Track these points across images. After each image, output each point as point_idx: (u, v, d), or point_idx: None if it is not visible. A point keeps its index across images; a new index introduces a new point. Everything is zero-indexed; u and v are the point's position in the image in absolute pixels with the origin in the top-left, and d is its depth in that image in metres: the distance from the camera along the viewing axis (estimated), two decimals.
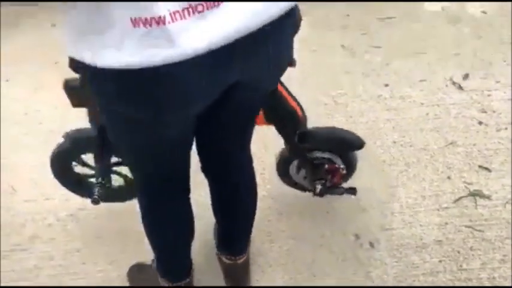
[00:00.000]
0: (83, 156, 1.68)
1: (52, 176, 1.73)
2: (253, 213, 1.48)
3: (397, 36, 2.56)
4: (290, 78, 1.22)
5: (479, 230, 1.76)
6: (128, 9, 0.81)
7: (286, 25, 0.98)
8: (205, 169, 1.38)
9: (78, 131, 1.60)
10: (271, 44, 0.98)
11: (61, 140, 1.64)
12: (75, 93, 1.42)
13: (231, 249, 1.54)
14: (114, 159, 1.64)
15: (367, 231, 1.78)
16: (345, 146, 1.64)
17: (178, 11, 0.83)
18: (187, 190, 1.33)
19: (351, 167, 1.70)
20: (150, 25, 0.82)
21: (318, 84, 2.31)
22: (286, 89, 1.51)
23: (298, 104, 1.52)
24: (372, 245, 1.75)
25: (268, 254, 1.74)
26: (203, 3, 0.84)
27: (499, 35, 2.52)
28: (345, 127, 2.08)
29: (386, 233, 1.78)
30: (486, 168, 1.96)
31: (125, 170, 1.67)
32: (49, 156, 1.68)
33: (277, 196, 1.88)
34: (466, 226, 1.79)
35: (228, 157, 1.34)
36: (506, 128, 2.10)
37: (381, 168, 1.99)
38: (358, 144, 1.61)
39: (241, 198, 1.43)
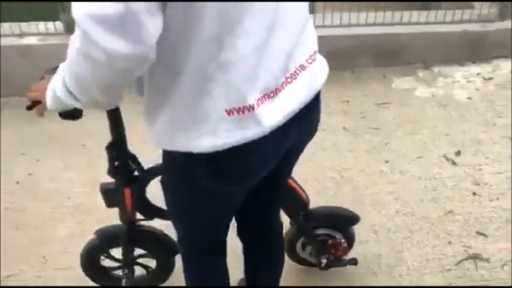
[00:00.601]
0: (111, 251, 1.81)
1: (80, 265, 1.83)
2: (281, 273, 1.64)
3: (393, 119, 2.84)
4: (301, 156, 1.38)
5: None
6: (223, 103, 1.02)
7: (318, 99, 1.23)
8: (241, 232, 1.56)
9: (108, 228, 1.74)
10: (315, 111, 1.24)
11: (92, 236, 1.76)
12: (110, 195, 1.58)
13: None
14: (138, 252, 1.79)
15: None
16: (343, 221, 1.86)
17: (259, 98, 1.04)
18: (225, 248, 1.50)
19: (350, 240, 1.89)
20: (243, 112, 1.03)
21: (325, 160, 2.55)
22: (291, 176, 1.71)
23: (301, 187, 1.72)
24: None
25: None
26: (275, 89, 1.06)
27: (484, 117, 2.81)
28: (352, 199, 2.31)
29: None
30: (483, 234, 2.14)
31: (147, 261, 1.84)
32: (79, 253, 1.79)
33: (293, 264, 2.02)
34: (469, 286, 1.94)
35: (263, 222, 1.53)
36: (498, 198, 2.31)
37: (386, 235, 2.17)
38: (355, 219, 1.83)
39: (271, 260, 1.61)
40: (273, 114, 1.07)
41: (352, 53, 3.24)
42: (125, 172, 1.51)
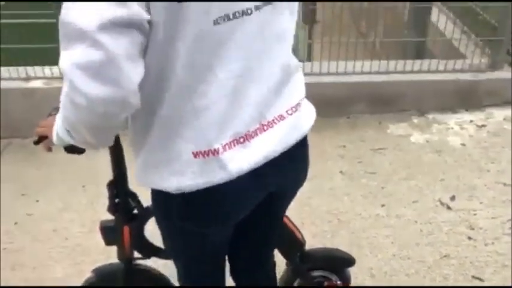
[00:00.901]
0: None
1: None
2: None
3: (389, 164, 2.89)
4: (297, 200, 1.42)
5: None
6: (190, 145, 1.08)
7: (305, 147, 1.27)
8: (233, 273, 1.57)
9: (105, 266, 1.75)
10: (299, 159, 1.27)
11: (89, 274, 1.76)
12: (109, 233, 1.61)
13: None
14: None
15: None
16: (340, 263, 1.87)
17: (227, 143, 1.08)
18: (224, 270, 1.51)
19: (346, 283, 1.89)
20: (208, 155, 1.08)
21: (322, 204, 2.57)
22: (287, 216, 1.74)
23: (297, 228, 1.74)
24: None
25: None
26: (245, 135, 1.10)
27: (478, 163, 2.86)
28: (348, 242, 2.33)
29: None
30: (479, 278, 2.15)
31: None
32: None
33: None
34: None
35: (255, 263, 1.55)
36: (493, 243, 2.33)
37: (383, 278, 2.17)
38: (351, 261, 1.84)
39: None
40: (241, 160, 1.10)
41: (348, 100, 3.33)
42: (124, 210, 1.54)
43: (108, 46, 0.87)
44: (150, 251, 1.68)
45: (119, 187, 1.50)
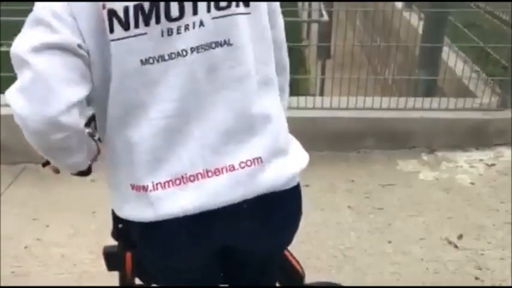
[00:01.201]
0: None
1: None
2: None
3: (397, 200, 2.89)
4: (303, 233, 1.43)
5: None
6: (128, 178, 1.12)
7: (274, 206, 1.16)
8: None
9: None
10: (272, 225, 1.18)
11: None
12: (112, 258, 1.62)
13: None
14: None
15: None
16: None
17: (160, 183, 1.08)
18: None
19: None
20: (139, 190, 1.10)
21: (328, 238, 2.58)
22: (287, 249, 1.71)
23: (297, 260, 1.74)
24: None
25: None
26: (183, 177, 1.08)
27: (487, 202, 2.85)
28: (353, 278, 2.32)
29: None
30: None
31: None
32: None
33: None
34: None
35: None
36: (500, 284, 2.30)
37: None
38: None
39: None
40: (173, 203, 1.08)
41: (359, 134, 3.36)
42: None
43: (37, 66, 0.94)
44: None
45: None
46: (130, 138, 1.08)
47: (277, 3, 1.19)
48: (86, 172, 1.24)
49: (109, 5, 0.98)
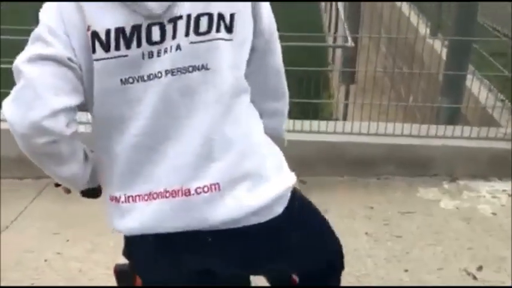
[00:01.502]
0: None
1: None
2: None
3: (416, 229, 2.86)
4: None
5: None
6: (108, 189, 1.19)
7: (249, 237, 1.15)
8: None
9: None
10: (237, 244, 1.16)
11: None
12: (122, 276, 1.67)
13: None
14: None
15: None
16: None
17: (132, 196, 1.14)
18: None
19: None
20: (112, 201, 1.18)
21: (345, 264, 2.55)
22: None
23: None
24: None
25: None
26: (150, 194, 1.13)
27: (508, 234, 2.79)
28: None
29: None
30: None
31: None
32: None
33: None
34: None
35: None
36: None
37: None
38: None
39: None
40: (135, 217, 1.13)
41: (379, 160, 3.34)
42: None
43: (29, 74, 1.02)
44: None
45: None
46: (113, 150, 1.14)
47: (275, 29, 1.22)
48: (95, 193, 1.28)
49: (93, 27, 1.05)
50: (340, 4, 5.35)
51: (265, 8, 1.18)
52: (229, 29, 1.10)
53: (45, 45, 1.05)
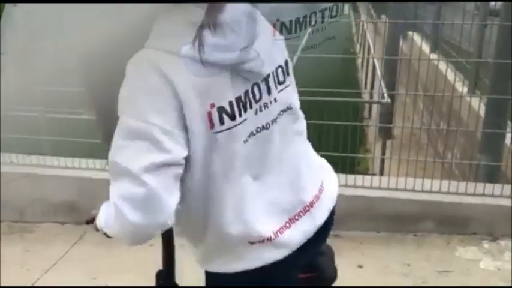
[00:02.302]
0: None
1: None
2: None
3: None
4: None
5: None
6: (245, 238, 1.23)
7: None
8: None
9: None
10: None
11: None
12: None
13: None
14: None
15: None
16: None
17: (278, 229, 1.26)
18: None
19: None
20: (263, 242, 1.23)
21: None
22: None
23: None
24: None
25: None
26: (291, 219, 1.28)
27: None
28: None
29: None
30: None
31: None
32: None
33: None
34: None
35: None
36: None
37: None
38: None
39: None
40: (289, 240, 1.29)
41: (416, 217, 3.31)
42: None
43: (150, 184, 1.06)
44: None
45: (164, 279, 1.60)
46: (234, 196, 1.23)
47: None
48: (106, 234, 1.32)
49: (217, 103, 1.14)
50: (376, 60, 5.44)
51: None
52: (288, 74, 1.31)
53: (159, 150, 1.07)
